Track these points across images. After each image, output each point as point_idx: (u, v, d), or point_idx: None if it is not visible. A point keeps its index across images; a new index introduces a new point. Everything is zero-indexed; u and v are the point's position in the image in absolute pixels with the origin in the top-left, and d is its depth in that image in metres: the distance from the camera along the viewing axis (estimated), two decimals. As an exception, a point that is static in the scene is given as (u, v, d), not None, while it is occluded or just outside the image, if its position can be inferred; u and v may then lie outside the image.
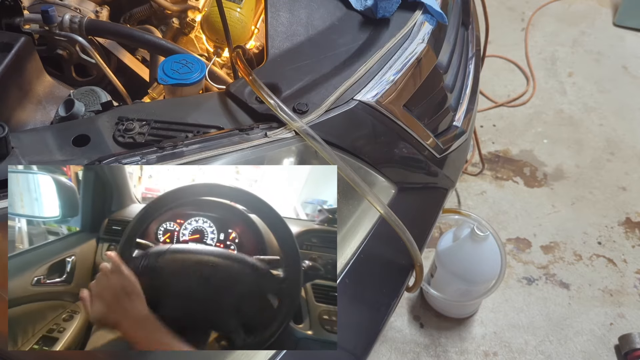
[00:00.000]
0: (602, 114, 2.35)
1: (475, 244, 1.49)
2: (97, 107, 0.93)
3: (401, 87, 1.00)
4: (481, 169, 2.10)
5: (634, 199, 2.04)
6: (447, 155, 1.21)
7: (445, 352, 1.65)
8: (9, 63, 0.92)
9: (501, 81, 2.50)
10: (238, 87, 0.93)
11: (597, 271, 1.84)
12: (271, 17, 1.06)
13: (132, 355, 0.81)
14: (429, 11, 1.10)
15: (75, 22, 1.10)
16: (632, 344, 1.61)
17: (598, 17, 2.84)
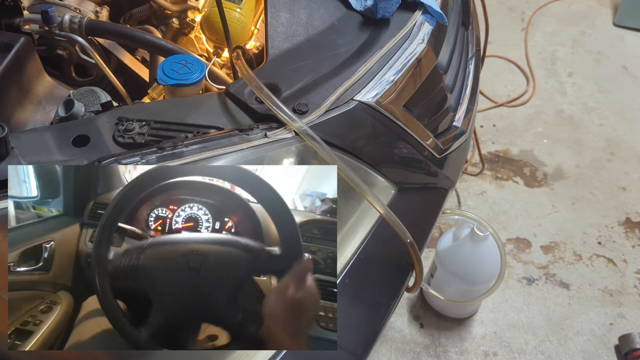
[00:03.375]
0: (602, 114, 2.35)
1: (475, 244, 1.49)
2: (97, 107, 0.93)
3: (401, 87, 1.00)
4: (481, 169, 2.10)
5: (634, 199, 2.04)
6: (447, 156, 1.21)
7: (445, 352, 1.65)
8: (9, 63, 0.92)
9: (501, 81, 2.50)
10: (238, 88, 0.93)
11: (597, 271, 1.84)
12: (271, 17, 1.06)
13: (132, 355, 0.80)
14: (428, 11, 1.10)
15: (75, 23, 1.10)
16: (632, 344, 1.60)
17: (598, 17, 2.84)
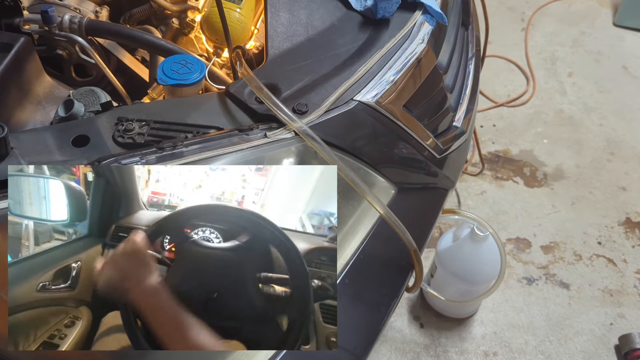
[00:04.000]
0: (602, 114, 2.35)
1: (475, 244, 1.49)
2: (97, 107, 0.93)
3: (401, 87, 1.00)
4: (481, 169, 2.10)
5: (634, 199, 2.04)
6: (447, 156, 1.21)
7: (445, 352, 1.65)
8: (8, 63, 0.92)
9: (501, 81, 2.50)
10: (238, 88, 0.93)
11: (597, 271, 1.84)
12: (271, 17, 1.06)
13: (132, 355, 0.81)
14: (428, 11, 1.10)
15: (75, 23, 1.10)
16: (632, 344, 1.60)
17: (598, 17, 2.84)
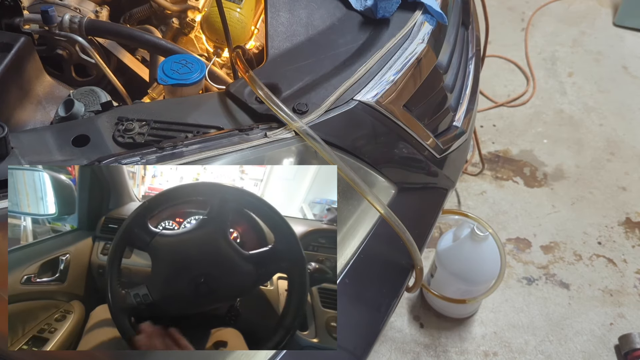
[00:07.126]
0: (602, 114, 2.35)
1: (475, 244, 1.49)
2: (97, 107, 0.93)
3: (401, 87, 1.00)
4: (481, 169, 2.10)
5: (634, 199, 2.04)
6: (447, 156, 1.21)
7: (445, 352, 1.65)
8: (9, 63, 0.92)
9: (501, 81, 2.50)
10: (238, 87, 0.93)
11: (597, 271, 1.84)
12: (271, 17, 1.06)
13: (132, 355, 0.81)
14: (429, 11, 1.10)
15: (75, 22, 1.10)
16: (632, 344, 1.60)
17: (598, 17, 2.84)
